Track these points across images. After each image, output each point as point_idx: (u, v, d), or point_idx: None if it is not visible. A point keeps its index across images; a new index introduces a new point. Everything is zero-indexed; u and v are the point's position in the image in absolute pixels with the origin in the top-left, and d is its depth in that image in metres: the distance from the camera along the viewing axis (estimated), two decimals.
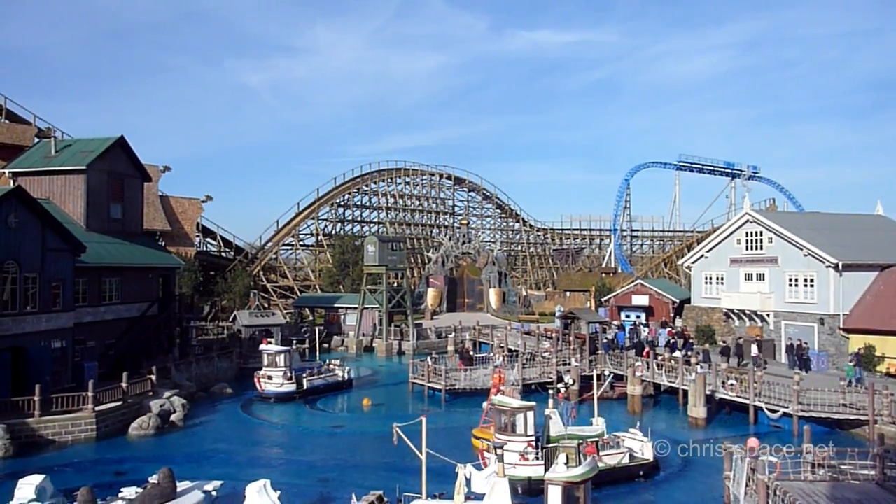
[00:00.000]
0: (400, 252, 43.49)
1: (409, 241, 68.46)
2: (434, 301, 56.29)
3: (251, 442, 21.52)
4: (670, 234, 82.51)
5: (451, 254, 60.90)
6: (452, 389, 27.14)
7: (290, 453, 19.95)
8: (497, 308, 56.50)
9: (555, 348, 31.38)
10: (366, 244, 43.29)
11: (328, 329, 44.46)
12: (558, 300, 55.48)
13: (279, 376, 26.42)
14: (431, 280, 57.41)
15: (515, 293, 59.50)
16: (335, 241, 60.04)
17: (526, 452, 16.59)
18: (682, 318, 38.83)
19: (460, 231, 65.62)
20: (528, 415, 17.13)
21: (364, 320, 43.10)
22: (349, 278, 53.33)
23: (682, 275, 63.77)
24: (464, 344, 38.73)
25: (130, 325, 28.89)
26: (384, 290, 41.89)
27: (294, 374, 26.98)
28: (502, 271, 60.31)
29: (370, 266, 42.71)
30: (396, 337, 41.95)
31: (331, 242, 61.82)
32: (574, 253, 75.17)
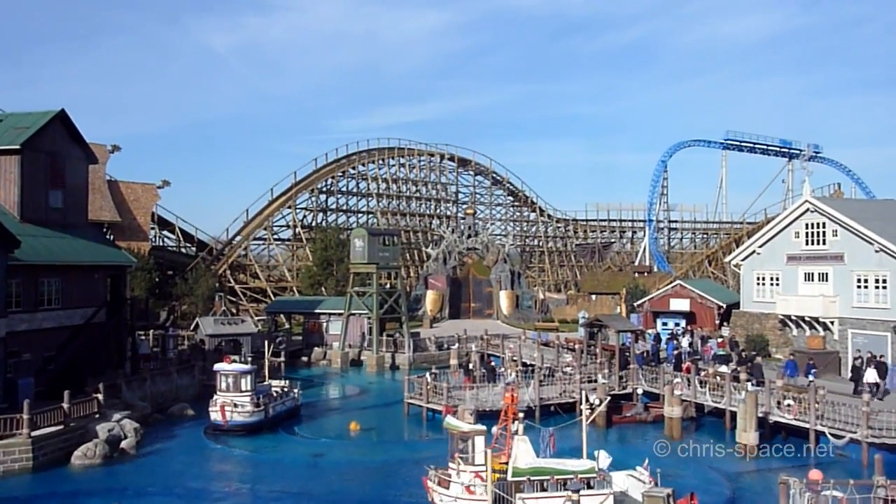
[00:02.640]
0: (393, 247, 43.49)
1: (404, 235, 68.74)
2: (434, 306, 56.70)
3: (216, 474, 21.32)
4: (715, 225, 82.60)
5: (454, 249, 61.09)
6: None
7: (262, 487, 19.96)
8: (509, 314, 56.88)
9: (578, 362, 31.50)
10: (352, 238, 43.31)
11: (308, 339, 44.52)
12: (582, 305, 55.68)
13: (247, 403, 26.11)
14: (431, 281, 57.62)
15: (531, 296, 59.51)
16: (316, 234, 60.55)
17: (473, 485, 16.46)
18: (729, 326, 38.81)
19: (465, 222, 65.05)
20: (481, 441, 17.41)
21: (350, 329, 43.13)
22: (333, 279, 53.65)
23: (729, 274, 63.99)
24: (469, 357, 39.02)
25: (73, 334, 28.72)
26: (374, 293, 42.05)
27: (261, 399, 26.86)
28: (515, 270, 60.51)
29: (358, 264, 42.71)
30: (389, 348, 41.94)
31: (311, 236, 62.09)
32: (601, 249, 75.59)
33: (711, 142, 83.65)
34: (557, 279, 77.80)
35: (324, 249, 55.07)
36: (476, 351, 40.38)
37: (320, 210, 66.38)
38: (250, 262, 60.45)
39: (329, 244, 55.19)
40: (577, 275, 77.25)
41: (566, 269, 79.02)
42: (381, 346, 41.68)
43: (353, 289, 42.94)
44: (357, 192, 69.51)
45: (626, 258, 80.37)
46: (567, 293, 65.75)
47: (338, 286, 51.99)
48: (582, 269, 77.68)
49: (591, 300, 56.49)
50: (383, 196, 70.55)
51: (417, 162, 75.28)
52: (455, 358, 38.33)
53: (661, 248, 78.19)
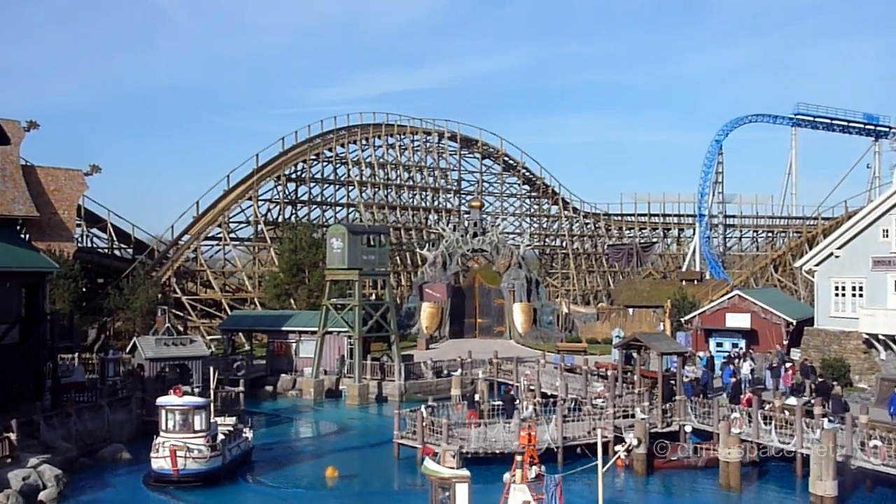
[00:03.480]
0: (380, 249, 43.70)
1: (393, 233, 68.72)
2: (431, 322, 56.98)
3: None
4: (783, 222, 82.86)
5: (456, 252, 61.10)
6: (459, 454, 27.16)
7: None
8: (525, 332, 57.00)
9: (611, 392, 31.57)
10: (329, 237, 43.34)
11: (273, 363, 44.60)
12: (616, 321, 55.57)
13: (202, 446, 25.96)
14: (427, 291, 57.55)
15: (552, 310, 59.37)
16: (284, 232, 60.84)
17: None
18: (800, 348, 38.89)
19: (470, 218, 64.83)
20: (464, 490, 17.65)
21: (327, 351, 43.43)
22: (304, 288, 53.84)
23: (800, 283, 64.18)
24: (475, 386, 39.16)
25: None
26: (357, 306, 41.85)
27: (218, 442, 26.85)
28: (532, 277, 60.54)
29: (336, 270, 42.72)
30: (375, 375, 42.11)
31: (277, 235, 62.32)
32: (639, 250, 75.58)
33: (778, 117, 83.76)
34: (585, 289, 77.86)
35: (293, 251, 55.29)
36: (484, 378, 40.38)
37: (289, 202, 66.26)
38: (201, 267, 60.71)
39: (300, 245, 55.44)
40: (610, 283, 77.35)
41: (596, 277, 78.98)
42: (365, 373, 41.90)
43: (330, 301, 43.00)
44: (335, 179, 69.46)
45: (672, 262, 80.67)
46: (597, 306, 65.74)
47: (311, 297, 52.20)
48: (616, 275, 77.55)
49: (627, 315, 56.63)
50: (367, 185, 70.37)
51: (410, 142, 75.14)
52: (457, 387, 38.63)
53: (715, 250, 78.50)
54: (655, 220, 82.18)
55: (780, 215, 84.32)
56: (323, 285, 45.82)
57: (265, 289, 57.35)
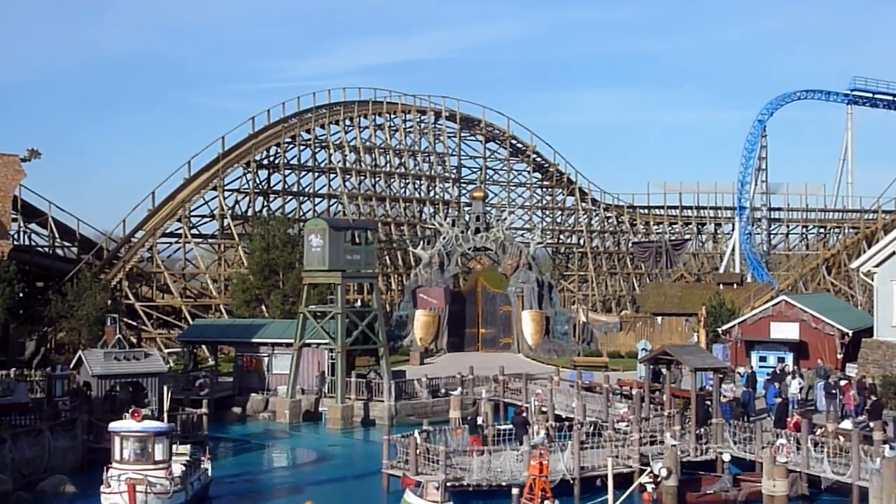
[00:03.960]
0: (367, 247, 43.74)
1: (382, 229, 68.40)
2: (426, 332, 57.00)
3: None
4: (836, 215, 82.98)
5: (455, 250, 60.79)
6: (459, 487, 27.34)
7: None
8: (536, 344, 57.13)
9: (637, 415, 31.64)
10: (307, 233, 43.34)
11: (242, 381, 44.40)
12: (643, 331, 55.51)
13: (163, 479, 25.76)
14: (422, 296, 57.27)
15: (568, 318, 59.58)
16: (254, 227, 60.57)
17: None
18: (857, 363, 38.84)
19: (472, 211, 65.10)
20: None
21: (304, 366, 43.47)
22: (278, 293, 53.58)
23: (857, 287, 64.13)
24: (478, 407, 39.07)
25: None
26: (339, 314, 41.84)
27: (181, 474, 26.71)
28: (544, 280, 60.27)
29: (315, 272, 42.75)
30: (360, 395, 42.16)
31: (246, 231, 62.21)
32: (670, 249, 74.92)
33: (831, 93, 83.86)
34: (606, 294, 77.57)
35: (265, 250, 55.14)
36: (488, 398, 40.49)
37: (260, 193, 66.18)
38: (158, 269, 60.47)
39: (273, 242, 55.34)
40: (636, 287, 77.00)
41: (619, 279, 78.59)
42: (349, 392, 41.84)
43: (308, 308, 42.93)
44: (314, 166, 69.26)
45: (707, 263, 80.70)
46: (621, 314, 65.58)
47: (285, 304, 52.10)
48: (642, 278, 77.27)
49: (655, 324, 56.52)
50: (352, 172, 70.06)
51: (402, 122, 74.79)
52: (457, 409, 38.54)
53: (758, 249, 78.55)
54: (688, 213, 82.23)
55: (833, 208, 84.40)
56: (300, 290, 45.82)
57: (233, 294, 57.17)
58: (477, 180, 77.27)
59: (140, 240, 61.00)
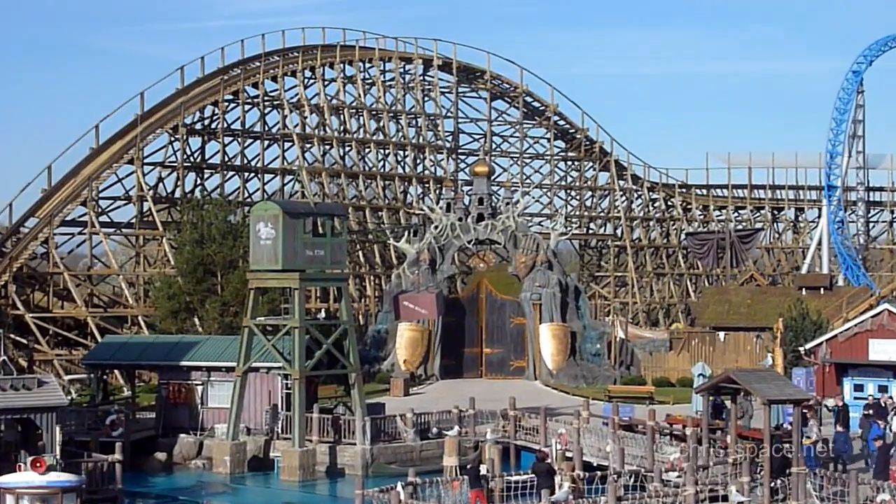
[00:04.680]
0: (334, 240, 43.69)
1: (354, 215, 69.49)
2: (413, 353, 57.44)
3: None
4: None
5: (451, 244, 61.14)
6: None
7: None
8: (557, 368, 57.22)
9: (692, 462, 31.09)
10: (254, 222, 43.29)
11: (168, 417, 44.51)
12: (699, 351, 56.48)
13: None
14: (407, 304, 55.75)
15: (600, 334, 60.04)
16: (184, 214, 60.93)
17: None
18: None
19: (474, 191, 65.06)
20: None
21: (251, 397, 43.75)
22: (215, 300, 54.04)
23: None
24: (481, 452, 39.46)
25: None
26: (297, 328, 41.49)
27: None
28: (569, 284, 60.54)
29: (265, 272, 42.62)
30: (325, 436, 42.32)
31: (173, 218, 63.35)
32: (736, 241, 75.32)
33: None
34: (651, 301, 77.94)
35: (198, 244, 55.18)
36: (494, 440, 40.60)
37: (192, 167, 66.63)
38: (56, 268, 60.84)
39: (208, 234, 55.48)
40: (690, 293, 77.47)
41: (668, 282, 79.05)
42: (310, 432, 42.00)
43: (256, 320, 42.79)
44: (263, 132, 69.66)
45: (785, 260, 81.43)
46: (670, 329, 65.87)
47: (225, 315, 52.56)
48: (699, 281, 77.95)
49: (716, 342, 56.64)
50: (314, 140, 70.32)
51: (380, 74, 75.21)
52: (453, 454, 38.91)
53: (853, 242, 78.52)
54: (760, 194, 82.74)
55: None
56: (244, 296, 45.96)
57: (155, 302, 56.90)
58: (480, 151, 76.92)
59: (32, 230, 60.92)
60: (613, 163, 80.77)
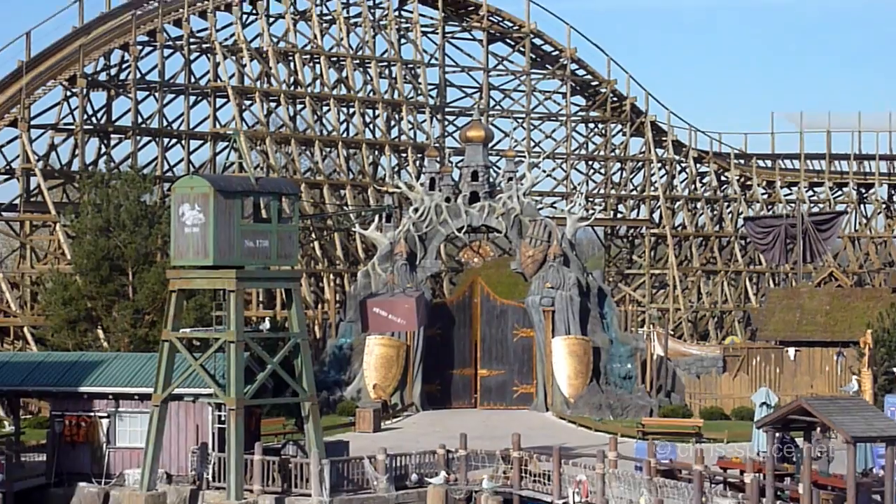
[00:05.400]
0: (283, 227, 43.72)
1: (308, 194, 70.86)
2: (386, 375, 58.88)
3: None
4: None
5: (436, 231, 61.95)
6: None
7: None
8: (576, 395, 58.87)
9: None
10: (176, 203, 43.33)
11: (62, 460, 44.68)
12: (762, 372, 57.16)
13: None
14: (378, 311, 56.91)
15: (632, 350, 60.65)
16: (84, 192, 60.75)
17: None
18: None
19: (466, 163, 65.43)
20: None
21: (173, 435, 44.31)
22: (125, 306, 54.80)
23: None
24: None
25: None
26: (234, 343, 41.44)
27: None
28: (592, 284, 61.34)
29: (191, 269, 43.14)
30: (271, 484, 42.53)
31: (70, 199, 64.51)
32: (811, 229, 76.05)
33: None
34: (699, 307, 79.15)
35: (103, 232, 55.84)
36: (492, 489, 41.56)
37: (94, 131, 67.56)
38: None
39: (116, 219, 56.22)
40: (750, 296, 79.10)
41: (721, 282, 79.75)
42: (251, 479, 41.98)
43: (179, 332, 43.11)
44: (188, 85, 70.70)
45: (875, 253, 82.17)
46: (724, 343, 66.57)
47: (138, 326, 53.50)
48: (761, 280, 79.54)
49: (785, 360, 57.41)
50: (255, 95, 71.24)
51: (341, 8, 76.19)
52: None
53: None
54: (842, 166, 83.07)
55: None
56: (164, 301, 46.46)
57: (47, 308, 57.45)
58: (474, 110, 76.16)
59: None
60: (649, 125, 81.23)
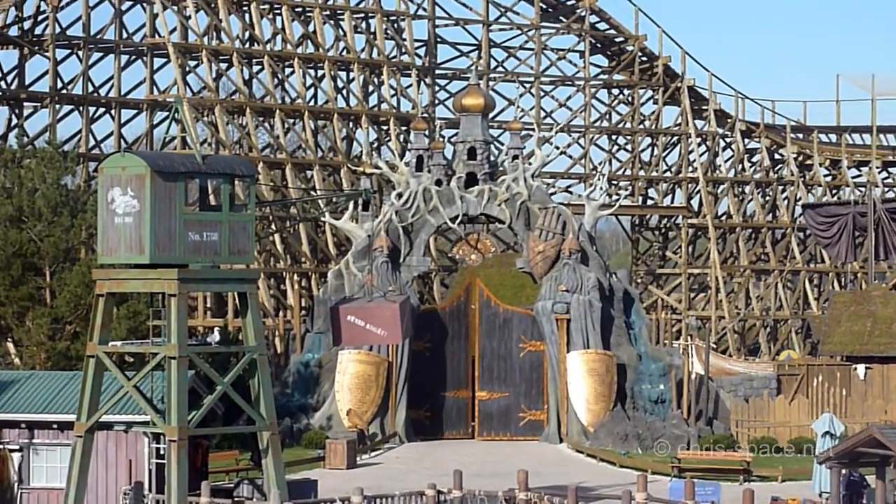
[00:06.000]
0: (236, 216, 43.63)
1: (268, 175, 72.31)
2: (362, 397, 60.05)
3: None
4: None
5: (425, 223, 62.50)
6: None
7: None
8: (595, 423, 59.68)
9: None
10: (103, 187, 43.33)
11: None
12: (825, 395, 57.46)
13: None
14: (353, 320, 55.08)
15: (665, 368, 60.71)
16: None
17: None
18: None
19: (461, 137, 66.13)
20: None
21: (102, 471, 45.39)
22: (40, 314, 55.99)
23: None
24: None
25: None
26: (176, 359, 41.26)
27: None
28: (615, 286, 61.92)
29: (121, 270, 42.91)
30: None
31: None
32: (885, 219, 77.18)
33: None
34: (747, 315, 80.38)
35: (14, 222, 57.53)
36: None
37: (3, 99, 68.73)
38: None
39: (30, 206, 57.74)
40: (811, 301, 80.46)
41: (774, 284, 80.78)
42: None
43: (109, 346, 42.83)
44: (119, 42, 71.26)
45: None
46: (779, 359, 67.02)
47: (58, 338, 54.65)
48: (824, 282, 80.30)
49: (853, 380, 57.65)
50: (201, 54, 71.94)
51: None
52: None
53: None
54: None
55: None
56: (88, 307, 46.86)
57: None
58: (471, 72, 76.43)
59: None
60: (686, 91, 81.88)
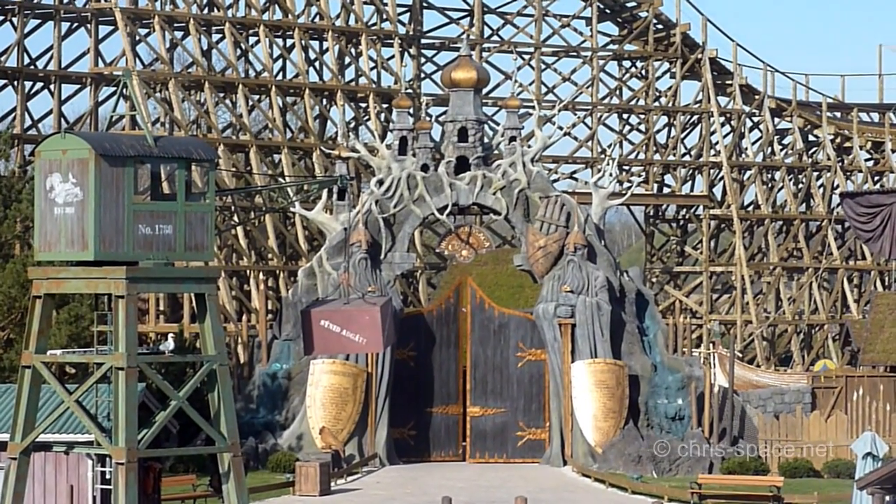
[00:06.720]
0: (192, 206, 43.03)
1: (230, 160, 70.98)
2: (337, 414, 59.57)
3: None
4: None
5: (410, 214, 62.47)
6: None
7: None
8: (604, 443, 59.51)
9: None
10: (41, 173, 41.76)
11: None
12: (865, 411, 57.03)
13: None
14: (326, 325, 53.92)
15: (684, 379, 60.70)
16: None
17: None
18: None
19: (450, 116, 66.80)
20: None
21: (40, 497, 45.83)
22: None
23: None
24: None
25: None
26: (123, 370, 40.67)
27: None
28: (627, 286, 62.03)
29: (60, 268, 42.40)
30: None
31: None
32: None
33: None
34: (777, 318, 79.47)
35: None
36: None
37: None
38: None
39: None
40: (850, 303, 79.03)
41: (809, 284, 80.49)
42: None
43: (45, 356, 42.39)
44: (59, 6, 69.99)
45: None
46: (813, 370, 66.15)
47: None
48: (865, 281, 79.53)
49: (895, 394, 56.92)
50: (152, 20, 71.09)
51: None
52: None
53: None
54: None
55: None
56: (23, 310, 47.56)
57: None
58: (462, 42, 76.82)
59: None
60: (708, 63, 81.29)
